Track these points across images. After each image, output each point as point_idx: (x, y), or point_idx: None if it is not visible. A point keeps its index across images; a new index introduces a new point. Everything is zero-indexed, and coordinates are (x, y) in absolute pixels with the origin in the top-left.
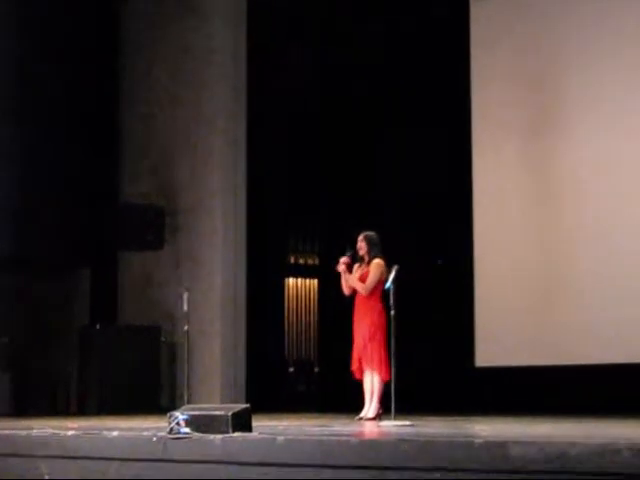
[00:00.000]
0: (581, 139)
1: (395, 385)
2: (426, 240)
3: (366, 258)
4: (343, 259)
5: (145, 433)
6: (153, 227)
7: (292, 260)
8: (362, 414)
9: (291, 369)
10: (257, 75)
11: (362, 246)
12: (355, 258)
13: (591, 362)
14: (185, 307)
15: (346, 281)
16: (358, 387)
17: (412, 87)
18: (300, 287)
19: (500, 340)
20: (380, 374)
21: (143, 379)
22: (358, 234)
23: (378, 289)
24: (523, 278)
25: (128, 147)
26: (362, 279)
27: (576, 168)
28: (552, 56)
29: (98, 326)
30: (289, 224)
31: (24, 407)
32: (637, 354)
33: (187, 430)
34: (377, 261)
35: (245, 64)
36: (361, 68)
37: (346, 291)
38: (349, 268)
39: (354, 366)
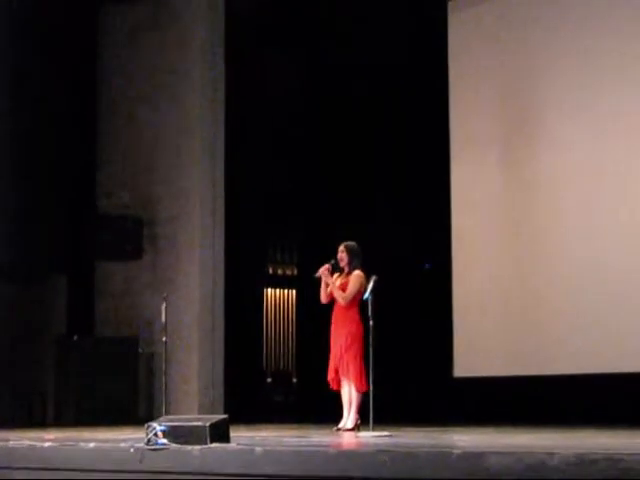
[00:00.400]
0: (561, 147)
1: (373, 396)
2: (404, 251)
3: (346, 269)
4: (325, 266)
5: (122, 444)
6: (131, 237)
7: (270, 270)
8: (340, 425)
9: (269, 379)
10: (235, 86)
11: (343, 257)
12: (335, 268)
13: (570, 372)
14: (163, 318)
15: (326, 287)
16: (336, 398)
17: (391, 93)
18: (278, 298)
19: (479, 350)
20: (356, 385)
21: (120, 390)
22: (336, 244)
23: (356, 300)
24: (501, 288)
25: (107, 157)
26: (342, 289)
27: (555, 177)
28: (530, 64)
29: (75, 337)
30: (267, 235)
31: (0, 418)
32: (615, 364)
33: (165, 441)
34: (357, 272)
35: (224, 75)
36: (339, 76)
37: (324, 299)
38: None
39: (330, 376)
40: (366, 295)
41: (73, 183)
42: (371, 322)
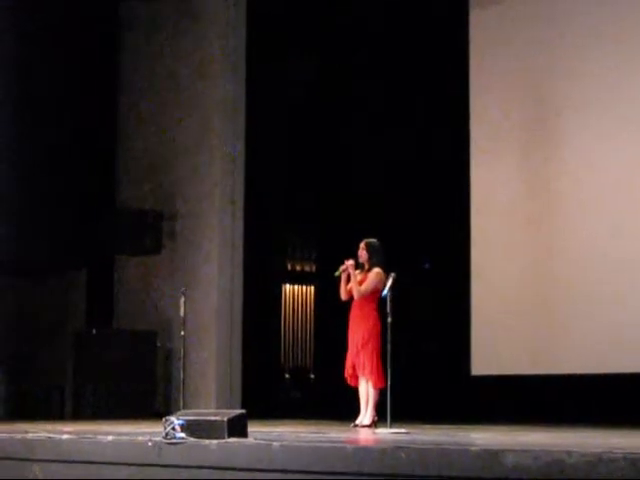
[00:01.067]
0: (581, 148)
1: (391, 392)
2: (424, 248)
3: (366, 266)
4: (344, 265)
5: (140, 438)
6: (150, 232)
7: (289, 267)
8: (357, 421)
9: (287, 375)
10: (255, 85)
11: (363, 253)
12: (357, 265)
13: (588, 371)
14: (182, 312)
15: (345, 284)
16: (354, 394)
17: (411, 94)
18: (297, 294)
19: (496, 349)
20: (373, 381)
21: (138, 384)
22: (355, 241)
23: (374, 297)
24: (520, 287)
25: (127, 152)
26: (360, 284)
27: (576, 178)
28: (551, 65)
29: (94, 331)
30: (286, 230)
31: (19, 410)
32: (634, 364)
33: (182, 435)
34: (377, 269)
35: (244, 74)
36: (359, 74)
37: (343, 295)
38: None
39: (347, 373)
40: (385, 292)
41: (93, 177)
42: (389, 319)
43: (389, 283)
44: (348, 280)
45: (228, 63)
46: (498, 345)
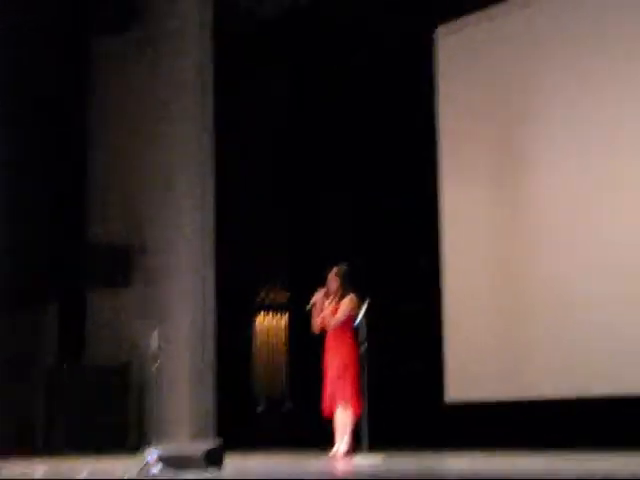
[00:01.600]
0: (551, 175)
1: (367, 420)
2: (396, 276)
3: (337, 294)
4: (316, 295)
5: (115, 474)
6: (122, 265)
7: (261, 296)
8: (334, 450)
9: (261, 406)
10: (225, 113)
11: (333, 282)
12: (328, 293)
13: (563, 396)
14: (154, 346)
15: (317, 315)
16: (329, 423)
17: (380, 123)
18: (269, 323)
19: (470, 374)
20: (353, 409)
21: (111, 418)
22: (327, 269)
23: (349, 324)
24: (493, 312)
25: (98, 186)
26: (333, 313)
27: (546, 204)
28: (519, 87)
29: (65, 366)
30: (258, 261)
31: None
32: (608, 388)
33: (158, 470)
34: (349, 296)
35: (212, 103)
36: (326, 99)
37: (316, 328)
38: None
39: (325, 403)
40: (359, 319)
41: (64, 212)
42: (363, 346)
43: (363, 310)
44: (320, 311)
45: (198, 98)
46: (472, 371)
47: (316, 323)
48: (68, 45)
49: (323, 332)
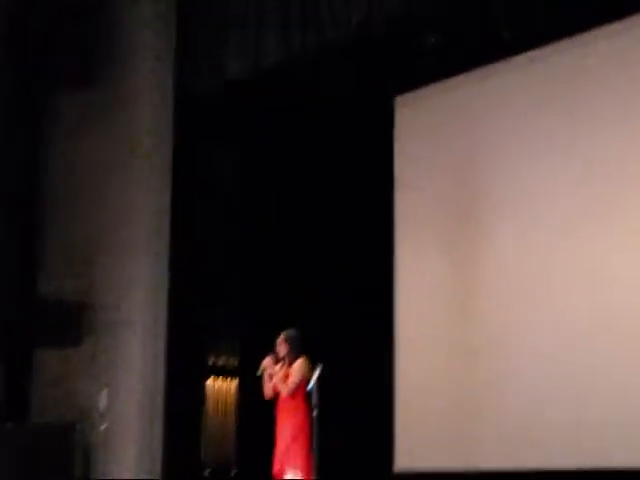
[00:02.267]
0: (506, 232)
1: None
2: (346, 339)
3: (287, 359)
4: (266, 361)
5: None
6: (71, 323)
7: (212, 361)
8: None
9: (207, 471)
10: (181, 173)
11: (282, 347)
12: (277, 359)
13: (515, 468)
14: (103, 405)
15: (269, 381)
16: None
17: (334, 184)
18: (219, 388)
19: (421, 444)
20: (303, 475)
21: (57, 479)
22: (278, 334)
23: (301, 389)
24: (446, 381)
25: (48, 242)
26: (284, 380)
27: (502, 272)
28: (474, 155)
29: (10, 425)
30: (210, 324)
31: None
32: (569, 460)
33: None
34: (299, 361)
35: (170, 163)
36: (282, 170)
37: (268, 394)
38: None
39: (275, 469)
40: (310, 385)
41: (12, 267)
42: (315, 412)
43: (315, 375)
44: (271, 378)
45: (154, 161)
46: (423, 440)
47: (268, 389)
48: (22, 98)
49: (275, 397)
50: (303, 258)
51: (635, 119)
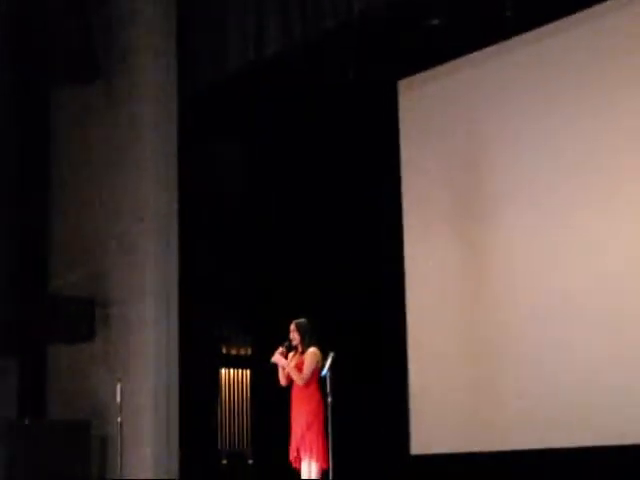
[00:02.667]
0: (513, 222)
1: (333, 474)
2: (359, 327)
3: (300, 347)
4: (279, 350)
5: None
6: (84, 318)
7: (225, 350)
8: None
9: (224, 461)
10: (188, 169)
11: (295, 336)
12: (290, 348)
13: (530, 447)
14: (118, 399)
15: (283, 370)
16: (292, 478)
17: (340, 173)
18: (233, 378)
19: (437, 427)
20: (319, 462)
21: (73, 473)
22: (290, 322)
23: (314, 377)
24: (460, 365)
25: (59, 237)
26: (298, 368)
27: (511, 262)
28: (481, 140)
29: (27, 421)
30: (221, 314)
31: None
32: (579, 438)
33: None
34: (312, 350)
35: (176, 156)
36: (289, 162)
37: (283, 382)
38: (285, 358)
39: (292, 455)
40: (324, 372)
41: (24, 264)
42: (330, 399)
43: (328, 363)
44: (283, 367)
45: (159, 152)
46: (438, 423)
47: (282, 377)
48: (26, 96)
49: (289, 384)
50: (313, 247)
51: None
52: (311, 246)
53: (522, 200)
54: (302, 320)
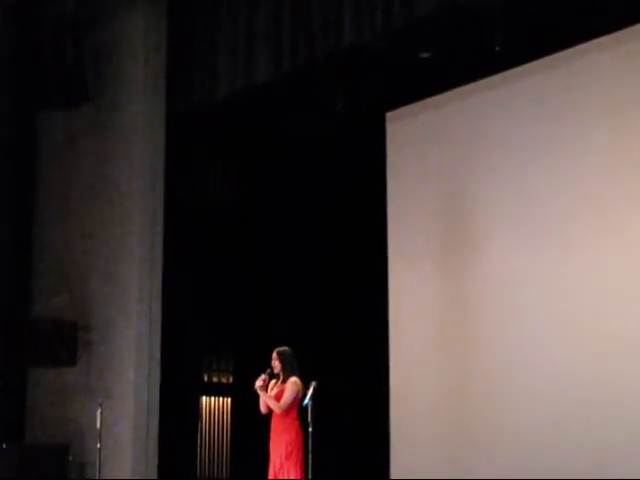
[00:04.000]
0: (496, 242)
1: None
2: (341, 354)
3: (281, 376)
4: (260, 378)
5: None
6: (65, 342)
7: (206, 378)
8: None
9: None
10: (175, 191)
11: (276, 364)
12: (272, 376)
13: (510, 478)
14: (98, 424)
15: (263, 400)
16: None
17: (326, 202)
18: (214, 406)
19: (416, 455)
20: None
21: None
22: (272, 351)
23: (294, 407)
24: (439, 393)
25: (42, 261)
26: (278, 397)
27: (492, 284)
28: (466, 176)
29: (4, 445)
30: (203, 342)
31: None
32: (555, 472)
33: None
34: (292, 379)
35: (163, 180)
36: (276, 191)
37: (263, 410)
38: (266, 386)
39: None
40: (306, 401)
41: (6, 287)
42: (310, 428)
43: (310, 392)
44: (266, 393)
45: (148, 178)
46: (418, 451)
47: (263, 405)
48: (13, 119)
49: (270, 412)
50: (297, 274)
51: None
52: (296, 274)
53: (508, 232)
54: (284, 348)
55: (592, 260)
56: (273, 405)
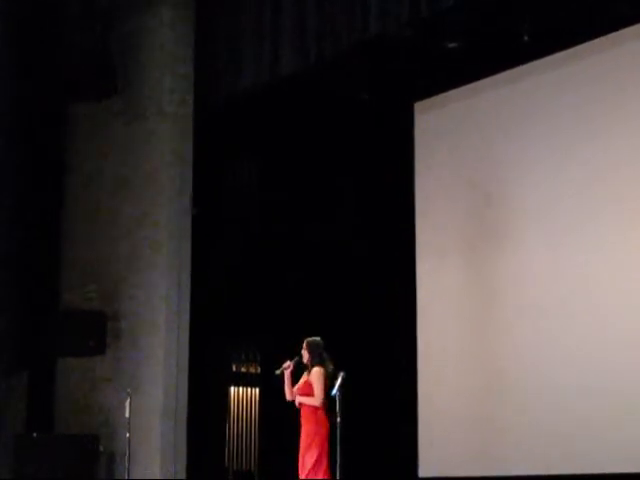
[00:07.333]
0: (526, 249)
1: None
2: (369, 348)
3: (309, 366)
4: (286, 363)
5: None
6: (94, 332)
7: (234, 368)
8: None
9: (231, 479)
10: (203, 185)
11: (305, 353)
12: (299, 365)
13: (535, 474)
14: (127, 414)
15: (289, 383)
16: None
17: (353, 194)
18: (242, 396)
19: (444, 450)
20: None
21: None
22: (300, 342)
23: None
24: (468, 389)
25: (71, 251)
26: (302, 388)
27: (521, 284)
28: (495, 167)
29: (35, 435)
30: (231, 332)
31: None
32: (585, 465)
33: None
34: (316, 369)
35: (191, 172)
36: (299, 188)
37: (288, 396)
38: (293, 374)
39: (300, 474)
40: (334, 392)
41: (36, 277)
42: (338, 419)
43: (338, 383)
44: (291, 379)
45: (174, 162)
46: (446, 446)
47: (289, 390)
48: (41, 110)
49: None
50: (326, 267)
51: None
52: (325, 267)
53: (537, 222)
54: (314, 338)
55: (622, 256)
56: (309, 402)
